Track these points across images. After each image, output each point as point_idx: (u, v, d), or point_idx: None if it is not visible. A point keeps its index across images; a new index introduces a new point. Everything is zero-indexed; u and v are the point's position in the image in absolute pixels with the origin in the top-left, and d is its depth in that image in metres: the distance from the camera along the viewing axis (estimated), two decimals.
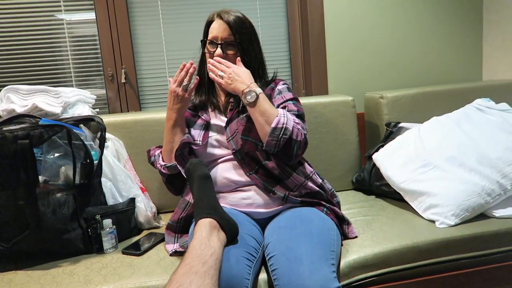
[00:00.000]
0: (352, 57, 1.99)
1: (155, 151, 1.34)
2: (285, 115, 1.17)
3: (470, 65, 2.12)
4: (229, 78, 1.20)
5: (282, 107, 1.26)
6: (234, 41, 1.25)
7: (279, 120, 1.14)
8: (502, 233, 1.21)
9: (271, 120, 1.15)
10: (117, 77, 1.90)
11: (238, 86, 1.19)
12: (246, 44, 1.27)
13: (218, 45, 1.25)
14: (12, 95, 1.40)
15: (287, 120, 1.15)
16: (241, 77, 1.19)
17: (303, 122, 1.26)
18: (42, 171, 1.19)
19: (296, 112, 1.25)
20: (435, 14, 2.05)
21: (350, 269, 1.11)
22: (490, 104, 1.55)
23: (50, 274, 1.12)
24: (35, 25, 1.83)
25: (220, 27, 1.25)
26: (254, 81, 1.21)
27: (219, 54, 1.24)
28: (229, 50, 1.26)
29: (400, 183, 1.40)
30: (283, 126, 1.14)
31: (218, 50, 1.25)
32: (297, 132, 1.16)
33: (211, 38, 1.26)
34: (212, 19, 1.29)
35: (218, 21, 1.26)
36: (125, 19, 1.87)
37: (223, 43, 1.25)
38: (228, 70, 1.20)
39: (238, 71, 1.21)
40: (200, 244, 0.89)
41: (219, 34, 1.25)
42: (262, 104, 1.17)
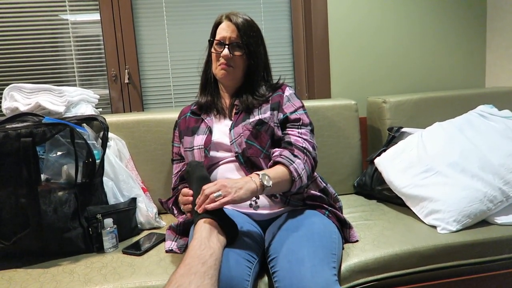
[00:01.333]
0: (355, 61, 2.00)
1: (169, 204, 1.34)
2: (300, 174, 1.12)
3: (473, 71, 2.13)
4: (230, 189, 0.99)
5: (296, 118, 1.25)
6: (241, 43, 1.26)
7: (296, 184, 1.12)
8: (503, 240, 1.21)
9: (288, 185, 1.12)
10: (121, 77, 1.91)
11: (248, 187, 1.01)
12: (253, 47, 1.27)
13: (226, 45, 1.25)
14: (16, 93, 1.40)
15: (303, 177, 1.13)
16: (236, 181, 1.03)
17: (313, 135, 1.28)
18: (44, 170, 1.19)
19: (309, 127, 1.27)
20: (439, 20, 2.05)
21: (351, 273, 1.10)
22: (493, 110, 1.55)
23: (50, 272, 1.11)
24: (39, 25, 1.84)
25: (228, 28, 1.26)
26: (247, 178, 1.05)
27: (226, 54, 1.24)
28: (236, 51, 1.26)
29: (402, 188, 1.40)
30: (302, 184, 1.14)
31: (226, 50, 1.25)
32: (309, 171, 1.18)
33: (219, 38, 1.27)
34: (220, 21, 1.30)
35: (226, 22, 1.27)
36: (129, 20, 1.88)
37: (231, 44, 1.25)
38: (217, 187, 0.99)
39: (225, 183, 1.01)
40: (199, 244, 0.88)
41: (227, 35, 1.25)
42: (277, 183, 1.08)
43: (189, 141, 1.29)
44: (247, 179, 1.04)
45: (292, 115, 1.26)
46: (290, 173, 1.12)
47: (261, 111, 1.26)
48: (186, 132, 1.32)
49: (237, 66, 1.27)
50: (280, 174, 1.11)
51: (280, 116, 1.26)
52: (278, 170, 1.11)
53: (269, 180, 1.05)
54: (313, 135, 1.27)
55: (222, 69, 1.26)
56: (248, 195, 1.00)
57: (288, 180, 1.11)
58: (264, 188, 1.04)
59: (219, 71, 1.27)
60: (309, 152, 1.20)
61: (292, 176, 1.11)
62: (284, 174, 1.11)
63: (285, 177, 1.11)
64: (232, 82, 1.31)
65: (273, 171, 1.11)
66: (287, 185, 1.12)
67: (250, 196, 1.01)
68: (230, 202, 0.97)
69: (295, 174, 1.11)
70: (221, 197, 0.97)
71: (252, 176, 1.05)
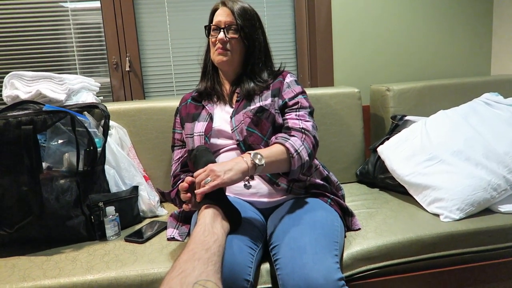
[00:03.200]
0: (358, 49, 1.97)
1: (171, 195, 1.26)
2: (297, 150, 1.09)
3: (479, 59, 2.09)
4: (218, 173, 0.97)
5: (295, 102, 1.24)
6: (236, 26, 1.25)
7: (295, 161, 1.09)
8: (507, 228, 1.20)
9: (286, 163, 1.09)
10: (122, 65, 1.89)
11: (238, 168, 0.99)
12: (249, 29, 1.26)
13: (221, 29, 1.24)
14: (16, 81, 1.39)
15: (302, 154, 1.11)
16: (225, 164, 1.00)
17: (313, 118, 1.26)
18: (46, 158, 1.19)
19: (308, 110, 1.25)
20: (444, 7, 2.01)
21: (353, 261, 1.10)
22: (498, 98, 1.53)
23: (53, 260, 1.12)
24: (40, 12, 1.82)
25: (224, 13, 1.25)
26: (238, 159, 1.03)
27: (221, 38, 1.23)
28: (231, 33, 1.25)
29: (405, 176, 1.39)
30: (302, 162, 1.11)
31: (221, 34, 1.24)
32: (309, 149, 1.14)
33: (215, 23, 1.26)
34: (217, 7, 1.29)
35: (222, 8, 1.27)
36: (130, 7, 1.86)
37: (226, 28, 1.25)
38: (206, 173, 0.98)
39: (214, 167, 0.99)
40: (203, 230, 0.88)
41: (222, 19, 1.25)
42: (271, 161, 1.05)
43: (190, 127, 1.28)
44: (237, 160, 1.02)
45: (291, 100, 1.25)
46: (287, 151, 1.09)
47: (262, 98, 1.25)
48: (187, 118, 1.31)
49: (234, 49, 1.26)
50: (275, 152, 1.08)
51: (279, 102, 1.25)
52: (273, 149, 1.09)
53: (262, 158, 1.03)
54: (312, 117, 1.25)
55: (219, 54, 1.25)
56: (239, 175, 0.99)
57: (285, 159, 1.09)
58: (256, 167, 1.02)
59: (216, 56, 1.26)
60: (307, 131, 1.17)
61: (289, 154, 1.09)
62: (279, 152, 1.09)
63: (281, 156, 1.08)
64: (231, 67, 1.29)
65: (267, 150, 1.08)
66: (285, 163, 1.09)
67: (241, 177, 1.00)
68: (220, 185, 0.95)
69: (292, 150, 1.09)
70: (210, 182, 0.95)
71: (244, 156, 1.03)
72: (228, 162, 1.01)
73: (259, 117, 1.20)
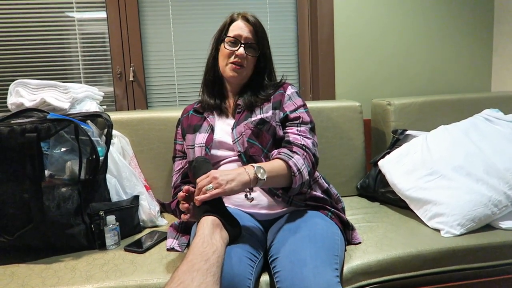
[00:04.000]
0: (360, 63, 1.99)
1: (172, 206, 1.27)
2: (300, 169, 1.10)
3: (479, 75, 2.11)
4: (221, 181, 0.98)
5: (296, 117, 1.25)
6: (255, 44, 1.26)
7: (297, 180, 1.10)
8: (508, 245, 1.20)
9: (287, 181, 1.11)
10: (126, 75, 1.91)
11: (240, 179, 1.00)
12: (265, 48, 1.28)
13: (242, 44, 1.24)
14: (21, 89, 1.40)
15: (303, 173, 1.12)
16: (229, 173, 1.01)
17: (314, 134, 1.26)
18: (48, 165, 1.20)
19: (309, 125, 1.25)
20: (445, 23, 2.04)
21: (353, 275, 1.10)
22: (499, 114, 1.54)
23: (52, 268, 1.12)
24: (46, 22, 1.85)
25: (246, 28, 1.25)
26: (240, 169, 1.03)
27: (241, 53, 1.23)
28: (250, 52, 1.26)
29: (406, 190, 1.39)
30: (302, 181, 1.12)
31: (241, 49, 1.24)
32: (309, 167, 1.16)
33: (235, 36, 1.25)
34: (234, 18, 1.28)
35: (242, 21, 1.26)
36: (135, 18, 1.88)
37: (246, 44, 1.25)
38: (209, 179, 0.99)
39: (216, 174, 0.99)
40: (202, 241, 0.88)
41: (244, 34, 1.25)
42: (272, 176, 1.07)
43: (191, 138, 1.29)
44: (240, 171, 1.02)
45: (292, 113, 1.26)
46: (289, 168, 1.10)
47: (263, 110, 1.26)
48: (188, 129, 1.32)
49: (248, 66, 1.27)
50: (277, 168, 1.09)
51: (280, 115, 1.25)
52: (275, 164, 1.10)
53: (264, 173, 1.04)
54: (313, 133, 1.26)
55: (234, 70, 1.25)
56: (239, 187, 1.00)
57: (286, 175, 1.10)
58: (257, 181, 1.03)
59: (230, 70, 1.26)
60: (308, 149, 1.18)
61: (291, 171, 1.10)
62: (281, 168, 1.10)
63: (282, 172, 1.09)
64: (240, 81, 1.30)
65: (269, 164, 1.09)
66: (284, 180, 1.10)
67: (242, 188, 1.01)
68: (221, 194, 0.97)
69: (295, 169, 1.10)
70: (212, 189, 0.96)
71: (247, 168, 1.04)
72: (231, 171, 1.02)
73: (260, 129, 1.21)
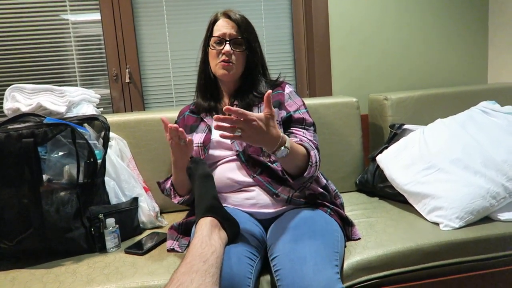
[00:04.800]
0: (356, 59, 1.99)
1: (166, 185, 1.31)
2: (316, 164, 1.13)
3: (475, 67, 2.11)
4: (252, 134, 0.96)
5: (300, 118, 1.25)
6: (241, 39, 1.25)
7: (312, 171, 1.12)
8: (507, 237, 1.20)
9: (302, 166, 1.11)
10: (121, 77, 1.91)
11: (266, 142, 0.99)
12: (252, 42, 1.28)
13: (227, 42, 1.24)
14: (17, 94, 1.40)
15: (317, 168, 1.15)
16: (265, 130, 0.97)
17: (316, 135, 1.27)
18: (46, 170, 1.20)
19: (313, 128, 1.27)
20: (440, 16, 2.04)
21: (353, 271, 1.10)
22: (495, 106, 1.54)
23: (53, 272, 1.12)
24: (40, 25, 1.84)
25: (228, 25, 1.25)
26: (279, 131, 1.02)
27: (227, 50, 1.24)
28: (237, 47, 1.26)
29: (404, 185, 1.40)
30: (313, 174, 1.15)
31: (227, 46, 1.24)
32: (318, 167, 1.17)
33: (219, 35, 1.25)
34: (216, 18, 1.29)
35: (224, 19, 1.27)
36: (130, 20, 1.88)
37: (231, 40, 1.25)
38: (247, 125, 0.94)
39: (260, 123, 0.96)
40: (201, 242, 0.88)
41: (227, 31, 1.25)
42: (294, 156, 1.07)
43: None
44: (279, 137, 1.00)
45: (296, 114, 1.26)
46: (309, 157, 1.12)
47: (260, 109, 1.26)
48: (185, 129, 1.32)
49: (237, 62, 1.27)
50: (300, 151, 1.10)
51: (283, 114, 1.26)
52: (299, 147, 1.11)
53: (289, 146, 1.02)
54: (316, 136, 1.27)
55: (224, 68, 1.25)
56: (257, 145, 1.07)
57: (303, 161, 1.11)
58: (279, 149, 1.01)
59: (220, 69, 1.26)
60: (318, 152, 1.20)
61: (309, 161, 1.11)
62: (302, 153, 1.11)
63: (302, 156, 1.10)
64: (233, 79, 1.30)
65: (295, 144, 1.10)
66: (300, 164, 1.11)
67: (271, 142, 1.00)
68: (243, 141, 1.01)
69: (314, 160, 1.12)
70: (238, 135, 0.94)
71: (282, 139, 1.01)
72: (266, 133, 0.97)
73: None
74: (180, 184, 1.23)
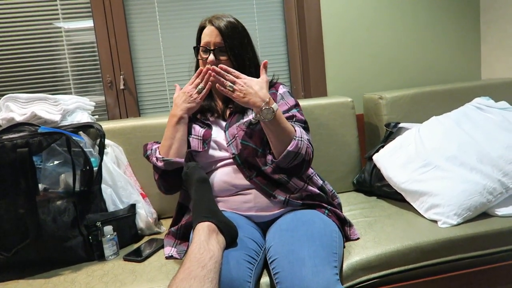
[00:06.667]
0: (350, 59, 2.00)
1: (152, 146, 1.31)
2: (301, 138, 1.16)
3: (469, 64, 2.12)
4: (240, 91, 1.12)
5: (290, 116, 1.25)
6: (225, 47, 1.25)
7: (296, 144, 1.14)
8: (505, 232, 1.21)
9: (287, 140, 1.14)
10: (116, 83, 1.91)
11: (253, 101, 1.11)
12: (238, 49, 1.26)
13: (211, 51, 1.25)
14: (11, 103, 1.40)
15: (303, 145, 1.15)
16: (255, 90, 1.12)
17: (308, 132, 1.27)
18: (42, 179, 1.19)
19: (303, 125, 1.26)
20: (432, 14, 2.05)
21: (353, 271, 1.10)
22: (490, 102, 1.55)
23: (52, 282, 1.11)
24: (33, 33, 1.84)
25: (212, 33, 1.25)
26: (269, 94, 1.14)
27: (212, 60, 1.23)
28: (221, 56, 1.26)
29: (401, 183, 1.40)
30: (299, 151, 1.15)
31: (211, 56, 1.24)
32: (309, 154, 1.19)
33: (204, 44, 1.26)
34: (204, 25, 1.29)
35: (209, 27, 1.26)
36: (122, 26, 1.88)
37: (215, 49, 1.25)
38: (239, 82, 1.13)
39: (251, 83, 1.13)
40: (199, 248, 0.88)
41: (211, 40, 1.25)
42: (279, 123, 1.13)
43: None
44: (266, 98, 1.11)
45: (286, 114, 1.26)
46: (294, 131, 1.15)
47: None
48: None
49: None
50: (286, 122, 1.16)
51: None
52: (286, 121, 1.16)
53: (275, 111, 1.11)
54: (308, 133, 1.27)
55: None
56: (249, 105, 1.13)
57: (288, 134, 1.14)
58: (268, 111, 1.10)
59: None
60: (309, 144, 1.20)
61: (294, 135, 1.15)
62: (289, 126, 1.16)
63: (288, 128, 1.15)
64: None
65: (282, 115, 1.16)
66: (285, 137, 1.14)
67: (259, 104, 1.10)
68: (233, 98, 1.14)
69: (299, 134, 1.15)
70: (229, 88, 1.13)
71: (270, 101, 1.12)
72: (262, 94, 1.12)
73: (252, 129, 1.21)
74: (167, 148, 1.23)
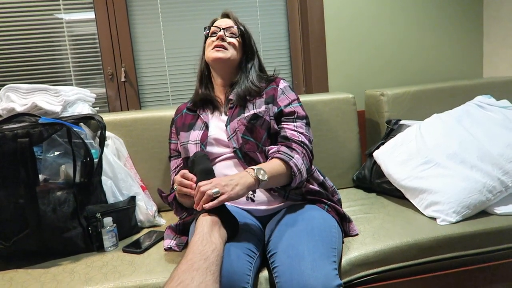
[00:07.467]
0: (352, 55, 1.99)
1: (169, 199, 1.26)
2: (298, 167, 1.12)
3: (471, 62, 2.12)
4: (226, 186, 0.99)
5: (291, 111, 1.25)
6: (237, 29, 1.31)
7: (296, 180, 1.13)
8: (503, 230, 1.21)
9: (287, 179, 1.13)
10: (117, 75, 1.90)
11: (244, 183, 1.01)
12: (247, 35, 1.34)
13: (222, 29, 1.29)
14: (12, 94, 1.39)
15: (303, 171, 1.15)
16: (227, 179, 1.01)
17: (309, 128, 1.27)
18: (42, 170, 1.19)
19: (305, 120, 1.26)
20: (435, 11, 2.04)
21: (351, 267, 1.10)
22: (491, 101, 1.54)
23: (51, 272, 1.11)
24: (34, 24, 1.83)
25: (224, 21, 1.34)
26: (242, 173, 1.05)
27: (221, 35, 1.28)
28: (231, 36, 1.31)
29: (401, 180, 1.40)
30: (302, 179, 1.15)
31: (221, 32, 1.29)
32: (308, 165, 1.19)
33: (215, 25, 1.32)
34: (215, 19, 1.36)
35: (223, 19, 1.35)
36: (124, 18, 1.87)
37: (226, 29, 1.30)
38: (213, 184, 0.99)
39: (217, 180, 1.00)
40: (201, 240, 0.88)
41: (223, 23, 1.32)
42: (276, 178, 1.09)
43: (185, 136, 1.29)
44: (242, 174, 1.04)
45: (287, 108, 1.26)
46: (289, 168, 1.12)
47: (255, 105, 1.26)
48: (182, 128, 1.32)
49: (230, 49, 1.29)
50: (277, 168, 1.10)
51: (274, 110, 1.25)
52: (274, 164, 1.11)
53: (265, 174, 1.05)
54: (309, 128, 1.26)
55: (216, 51, 1.27)
56: (244, 190, 1.01)
57: (285, 174, 1.11)
58: (259, 182, 1.04)
59: (212, 53, 1.28)
60: (306, 146, 1.20)
61: (292, 172, 1.11)
62: (281, 168, 1.11)
63: (282, 171, 1.11)
64: (225, 65, 1.30)
65: (269, 165, 1.10)
66: (285, 178, 1.12)
67: (246, 192, 1.02)
68: (227, 199, 0.97)
69: (295, 169, 1.12)
70: (219, 195, 0.97)
71: (248, 171, 1.05)
72: (234, 176, 1.02)
73: (254, 124, 1.21)
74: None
